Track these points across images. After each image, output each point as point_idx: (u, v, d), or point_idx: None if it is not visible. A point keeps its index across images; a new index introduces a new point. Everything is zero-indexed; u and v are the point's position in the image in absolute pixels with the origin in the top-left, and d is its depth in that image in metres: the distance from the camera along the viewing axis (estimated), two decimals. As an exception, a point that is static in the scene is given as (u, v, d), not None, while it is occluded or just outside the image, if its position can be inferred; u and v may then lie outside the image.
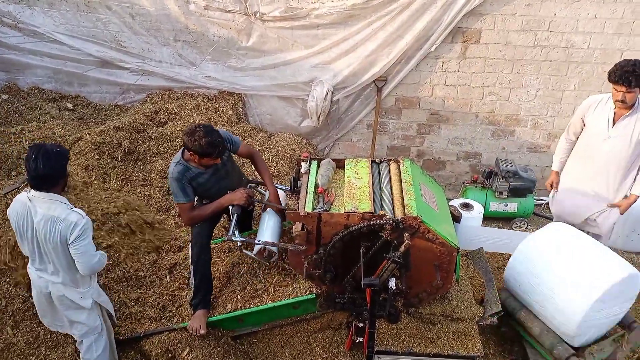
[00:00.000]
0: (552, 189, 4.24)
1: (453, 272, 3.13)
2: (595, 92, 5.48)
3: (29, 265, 3.03)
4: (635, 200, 3.82)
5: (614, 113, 3.70)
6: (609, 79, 3.60)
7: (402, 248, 2.84)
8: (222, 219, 3.85)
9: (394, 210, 3.07)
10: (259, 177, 3.80)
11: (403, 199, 3.13)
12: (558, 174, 4.22)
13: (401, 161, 3.49)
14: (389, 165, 3.52)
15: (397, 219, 2.92)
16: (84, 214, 2.82)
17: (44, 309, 3.14)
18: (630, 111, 3.66)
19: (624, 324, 3.30)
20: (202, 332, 3.27)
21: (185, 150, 3.24)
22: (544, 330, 3.32)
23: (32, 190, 2.80)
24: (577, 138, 4.03)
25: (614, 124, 3.71)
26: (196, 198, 3.44)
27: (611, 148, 3.74)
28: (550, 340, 3.27)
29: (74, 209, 2.83)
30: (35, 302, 3.16)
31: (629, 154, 3.73)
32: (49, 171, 2.70)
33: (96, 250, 2.91)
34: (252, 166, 3.70)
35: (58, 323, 3.19)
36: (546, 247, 3.39)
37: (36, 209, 2.78)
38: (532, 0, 5.10)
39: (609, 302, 3.10)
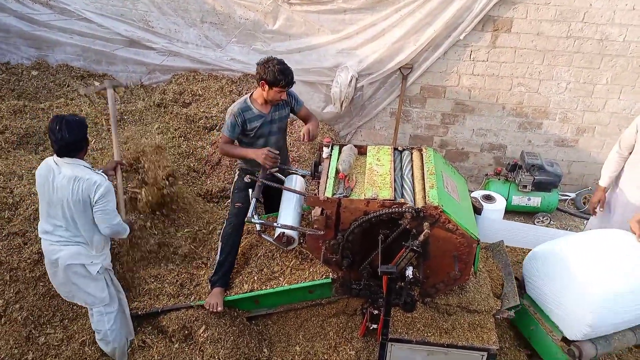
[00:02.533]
0: (596, 207, 3.88)
1: (472, 263, 3.09)
2: (629, 87, 5.32)
3: (40, 234, 3.15)
4: None
5: None
6: None
7: (421, 237, 2.81)
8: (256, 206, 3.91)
9: (414, 198, 3.04)
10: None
11: (424, 188, 3.09)
12: (605, 190, 3.88)
13: (424, 150, 3.45)
14: (412, 153, 3.47)
15: (418, 208, 2.89)
16: (105, 177, 3.02)
17: (52, 274, 3.23)
18: None
19: None
20: (219, 309, 3.34)
21: (253, 94, 3.55)
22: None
23: (56, 156, 2.98)
24: (630, 153, 3.73)
25: None
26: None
27: None
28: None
29: (97, 171, 3.02)
30: (47, 268, 3.25)
31: None
32: (73, 139, 2.92)
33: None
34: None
35: (66, 290, 3.25)
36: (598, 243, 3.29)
37: (61, 171, 2.96)
38: (568, -10, 4.94)
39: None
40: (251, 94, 3.59)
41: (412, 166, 3.32)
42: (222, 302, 3.37)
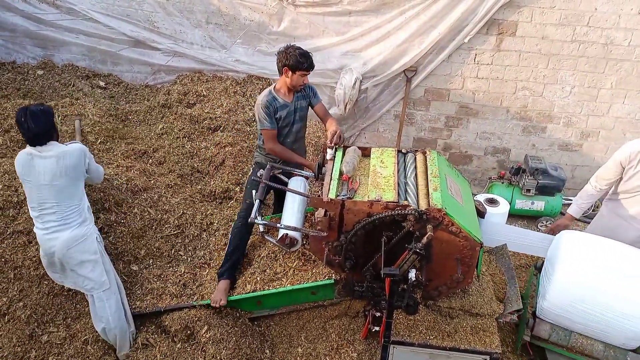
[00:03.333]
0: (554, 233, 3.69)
1: (475, 267, 3.09)
2: (634, 92, 5.30)
3: (35, 226, 3.21)
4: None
5: None
6: None
7: (424, 239, 2.81)
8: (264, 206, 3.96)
9: (418, 201, 3.04)
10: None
11: (428, 190, 3.09)
12: (574, 219, 3.77)
13: (428, 152, 3.45)
14: (415, 155, 3.48)
15: (421, 210, 2.89)
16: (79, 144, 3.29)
17: (51, 265, 3.28)
18: None
19: None
20: (222, 303, 3.39)
21: (275, 85, 3.70)
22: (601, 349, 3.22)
23: (30, 147, 3.08)
24: (608, 187, 3.65)
25: None
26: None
27: None
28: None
29: (68, 143, 3.25)
30: (42, 260, 3.29)
31: None
32: (40, 129, 3.02)
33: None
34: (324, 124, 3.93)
35: (69, 280, 3.30)
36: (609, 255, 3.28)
37: (42, 155, 3.05)
38: (573, -6, 4.94)
39: None
40: (274, 86, 3.73)
41: (415, 169, 3.33)
42: (226, 298, 3.43)
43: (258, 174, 3.55)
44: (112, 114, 5.20)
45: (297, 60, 3.53)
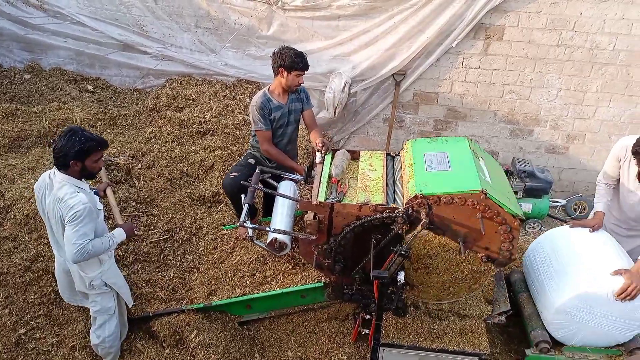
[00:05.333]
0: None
1: (496, 211, 2.85)
2: (619, 95, 5.39)
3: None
4: None
5: (638, 171, 3.29)
6: (635, 156, 3.17)
7: (418, 228, 2.81)
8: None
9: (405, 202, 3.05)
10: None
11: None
12: (604, 215, 3.56)
13: (403, 146, 3.39)
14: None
15: (407, 210, 2.88)
16: (86, 199, 2.80)
17: (64, 285, 3.25)
18: None
19: (626, 348, 3.18)
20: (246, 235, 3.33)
21: (269, 87, 3.73)
22: (533, 313, 3.33)
23: (55, 169, 2.90)
24: (617, 181, 3.56)
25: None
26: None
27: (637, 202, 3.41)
28: (534, 324, 3.27)
29: (81, 193, 2.83)
30: (57, 278, 3.26)
31: None
32: (60, 151, 2.79)
33: (90, 240, 2.84)
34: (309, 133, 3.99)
35: (77, 297, 3.28)
36: (574, 239, 3.38)
37: (52, 190, 2.86)
38: (559, -1, 5.01)
39: (600, 307, 3.03)
40: (268, 88, 3.76)
41: (402, 170, 3.33)
42: (246, 231, 3.30)
43: (248, 181, 3.52)
44: (100, 118, 5.18)
45: (293, 60, 3.57)
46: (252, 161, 3.89)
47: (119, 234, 3.07)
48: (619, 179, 3.52)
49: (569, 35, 5.16)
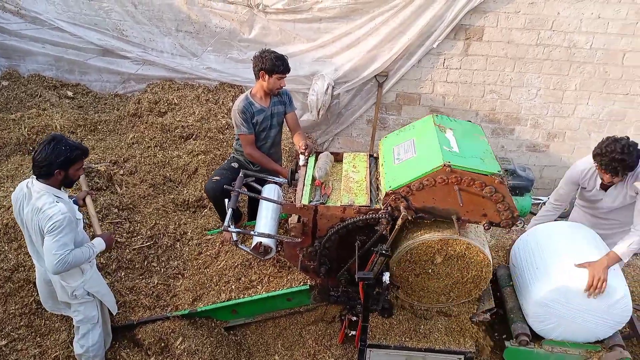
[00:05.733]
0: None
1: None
2: (597, 93, 5.48)
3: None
4: (614, 261, 3.11)
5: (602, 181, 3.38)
6: (594, 160, 3.23)
7: (399, 222, 2.81)
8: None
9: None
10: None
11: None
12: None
13: (379, 146, 3.38)
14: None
15: (387, 210, 2.88)
16: (65, 209, 2.75)
17: (45, 294, 3.20)
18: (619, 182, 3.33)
19: (606, 345, 3.22)
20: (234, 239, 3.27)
21: (251, 90, 3.72)
22: (515, 307, 3.37)
23: (33, 178, 2.83)
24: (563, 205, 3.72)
25: (606, 189, 3.44)
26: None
27: (607, 203, 3.50)
28: (514, 317, 3.31)
29: (60, 203, 2.77)
30: (38, 288, 3.21)
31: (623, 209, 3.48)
32: (42, 161, 2.72)
33: (71, 250, 2.79)
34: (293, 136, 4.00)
35: (59, 306, 3.23)
36: (556, 234, 3.43)
37: (30, 200, 2.80)
38: (536, -1, 5.09)
39: (578, 301, 3.06)
40: (250, 91, 3.75)
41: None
42: (232, 235, 3.28)
43: (232, 185, 3.50)
44: (80, 124, 5.12)
45: (273, 64, 3.56)
46: (235, 165, 3.87)
47: (99, 244, 3.02)
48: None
49: (547, 35, 5.24)
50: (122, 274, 3.64)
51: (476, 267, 3.00)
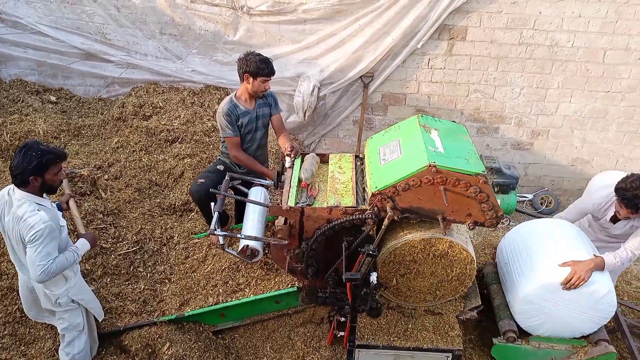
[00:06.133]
0: None
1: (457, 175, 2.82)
2: (579, 91, 5.55)
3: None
4: (599, 267, 3.15)
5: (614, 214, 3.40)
6: (616, 194, 3.21)
7: (385, 222, 2.83)
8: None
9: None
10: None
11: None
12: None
13: (366, 147, 3.39)
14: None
15: (373, 210, 2.89)
16: (47, 217, 2.70)
17: (29, 302, 3.15)
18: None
19: (591, 339, 3.28)
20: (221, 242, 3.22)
21: (236, 92, 3.70)
22: (502, 304, 3.41)
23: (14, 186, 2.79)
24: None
25: (615, 221, 3.47)
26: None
27: (613, 231, 3.55)
28: (502, 314, 3.35)
29: (41, 211, 2.72)
30: (21, 296, 3.16)
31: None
32: (17, 168, 2.68)
33: (54, 259, 2.75)
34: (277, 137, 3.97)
35: (43, 314, 3.19)
36: (542, 232, 3.47)
37: (11, 208, 2.76)
38: (518, -1, 5.14)
39: (562, 297, 3.10)
40: (234, 93, 3.74)
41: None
42: (220, 239, 3.23)
43: (218, 188, 3.48)
44: (64, 129, 5.06)
45: (258, 66, 3.55)
46: (221, 167, 3.86)
47: (82, 245, 2.97)
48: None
49: (530, 34, 5.30)
50: (108, 280, 3.60)
51: (460, 264, 3.02)
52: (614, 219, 3.45)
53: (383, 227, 2.87)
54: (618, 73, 5.42)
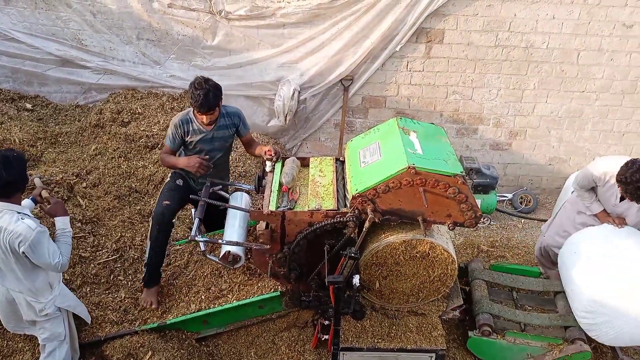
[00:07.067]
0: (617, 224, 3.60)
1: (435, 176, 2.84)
2: (554, 91, 5.66)
3: None
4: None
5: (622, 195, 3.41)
6: (619, 183, 3.26)
7: (366, 224, 2.85)
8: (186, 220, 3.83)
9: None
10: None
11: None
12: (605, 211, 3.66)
13: (347, 150, 3.41)
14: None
15: (354, 212, 2.91)
16: (34, 224, 2.71)
17: (7, 314, 3.08)
18: None
19: (568, 338, 3.34)
20: (154, 306, 3.34)
21: None
22: (482, 299, 3.47)
23: None
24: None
25: (620, 200, 3.48)
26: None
27: (625, 212, 3.53)
28: (479, 308, 3.42)
29: (26, 218, 2.71)
30: (0, 307, 3.07)
31: (631, 224, 3.54)
32: (13, 178, 2.65)
33: (60, 253, 2.83)
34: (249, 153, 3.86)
35: (23, 325, 3.12)
36: (611, 237, 3.45)
37: None
38: (493, 2, 5.21)
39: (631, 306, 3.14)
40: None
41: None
42: (157, 300, 3.40)
43: (199, 195, 3.45)
44: (40, 137, 4.97)
45: (195, 100, 3.26)
46: (180, 182, 3.60)
47: (63, 222, 2.95)
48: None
49: (505, 36, 5.39)
50: (87, 289, 3.54)
51: (441, 265, 3.05)
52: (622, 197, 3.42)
53: (364, 229, 2.88)
54: (592, 73, 5.55)
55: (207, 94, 3.23)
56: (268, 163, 3.51)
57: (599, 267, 3.26)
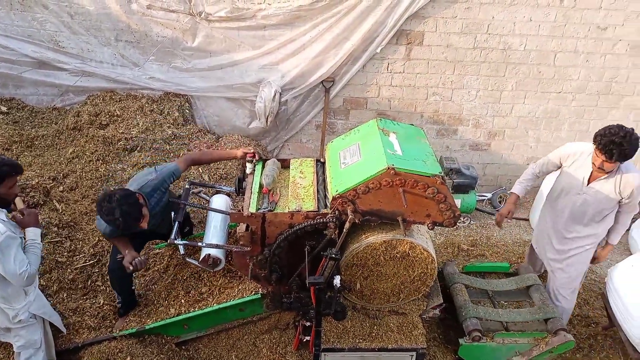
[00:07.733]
0: (506, 217, 3.77)
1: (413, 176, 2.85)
2: (532, 92, 5.76)
3: None
4: (610, 250, 3.72)
5: (591, 172, 3.46)
6: (594, 141, 3.29)
7: (347, 225, 2.86)
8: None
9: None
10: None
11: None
12: (519, 198, 3.82)
13: (327, 151, 3.41)
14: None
15: (334, 214, 2.91)
16: (4, 228, 2.66)
17: None
18: (607, 175, 3.41)
19: (551, 329, 3.39)
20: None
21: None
22: (465, 303, 3.52)
23: None
24: (541, 176, 3.90)
25: (588, 182, 3.49)
26: None
27: (581, 203, 3.55)
28: (465, 313, 3.45)
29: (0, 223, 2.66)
30: None
31: (594, 212, 3.54)
32: None
33: (28, 262, 2.73)
34: (201, 166, 3.70)
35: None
36: None
37: None
38: (472, 4, 5.28)
39: None
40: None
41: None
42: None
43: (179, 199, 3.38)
44: (15, 140, 4.88)
45: (118, 227, 2.92)
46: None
47: (35, 234, 2.87)
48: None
49: (484, 38, 5.47)
50: (64, 295, 3.48)
51: (421, 264, 3.07)
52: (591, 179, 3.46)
53: (345, 230, 2.89)
54: (568, 75, 5.65)
55: (125, 217, 2.87)
56: (248, 165, 3.49)
57: None
